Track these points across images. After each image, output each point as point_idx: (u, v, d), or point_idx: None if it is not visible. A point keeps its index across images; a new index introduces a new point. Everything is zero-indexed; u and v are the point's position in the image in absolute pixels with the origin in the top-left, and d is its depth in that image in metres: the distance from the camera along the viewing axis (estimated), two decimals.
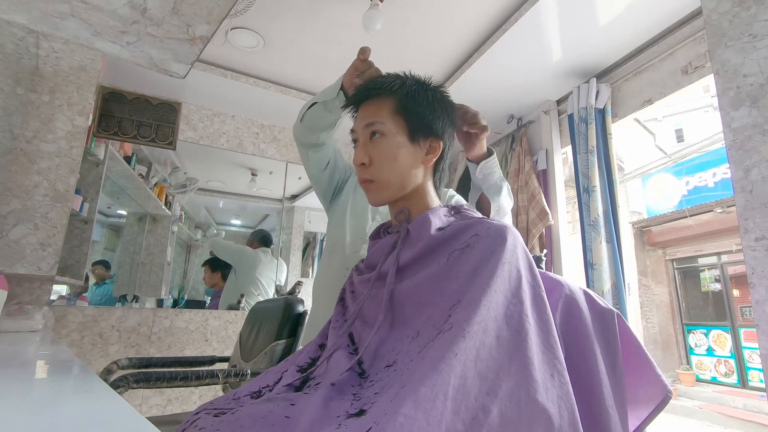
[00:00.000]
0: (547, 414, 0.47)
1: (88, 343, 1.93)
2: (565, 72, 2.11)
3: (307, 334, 1.13)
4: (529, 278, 0.58)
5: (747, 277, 0.84)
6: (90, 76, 1.78)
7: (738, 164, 0.87)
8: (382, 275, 0.67)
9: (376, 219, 1.07)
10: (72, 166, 1.68)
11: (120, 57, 0.97)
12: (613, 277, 1.86)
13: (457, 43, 2.01)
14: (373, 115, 0.73)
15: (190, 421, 0.53)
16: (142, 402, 2.02)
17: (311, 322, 1.11)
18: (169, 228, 2.75)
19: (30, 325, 1.21)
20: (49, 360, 0.77)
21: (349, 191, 1.14)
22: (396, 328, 0.61)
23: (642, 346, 0.69)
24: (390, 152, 0.71)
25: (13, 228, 1.55)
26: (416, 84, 0.74)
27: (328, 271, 1.08)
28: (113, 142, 2.35)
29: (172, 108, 2.50)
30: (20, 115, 1.60)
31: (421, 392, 0.42)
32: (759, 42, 0.87)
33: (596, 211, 1.92)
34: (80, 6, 0.79)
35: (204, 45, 0.94)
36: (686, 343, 6.95)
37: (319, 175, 1.13)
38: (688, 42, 1.76)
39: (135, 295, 2.91)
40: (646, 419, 0.67)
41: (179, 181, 2.82)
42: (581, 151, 2.06)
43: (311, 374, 0.62)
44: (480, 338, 0.49)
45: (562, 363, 0.52)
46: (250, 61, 2.21)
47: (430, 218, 0.68)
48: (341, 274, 1.00)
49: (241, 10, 1.78)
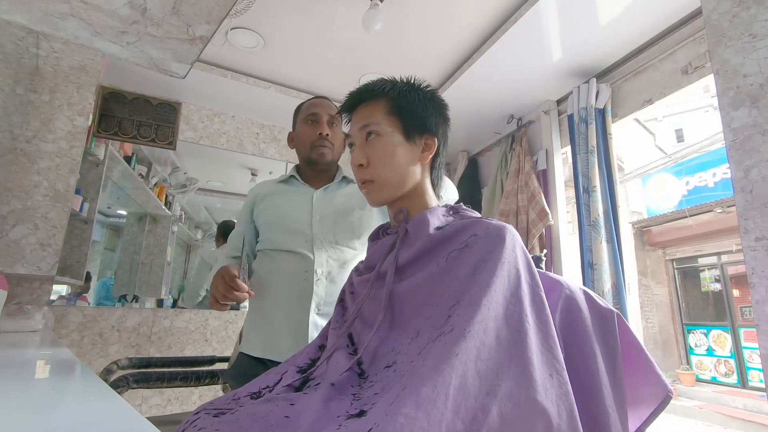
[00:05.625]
0: (547, 414, 0.47)
1: (88, 343, 1.93)
2: (565, 72, 2.11)
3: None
4: (528, 278, 0.58)
5: (747, 277, 0.84)
6: (90, 76, 1.77)
7: (738, 164, 0.87)
8: (381, 275, 0.67)
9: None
10: (72, 166, 1.68)
11: (120, 57, 0.97)
12: (613, 277, 1.86)
13: (457, 43, 2.01)
14: (367, 117, 0.74)
15: (189, 421, 0.53)
16: (142, 402, 2.02)
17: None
18: (169, 228, 2.75)
19: (30, 325, 1.21)
20: (49, 360, 0.77)
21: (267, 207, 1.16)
22: (395, 328, 0.61)
23: (642, 346, 0.69)
24: (387, 151, 0.72)
25: (13, 228, 1.55)
26: (406, 85, 0.76)
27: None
28: (113, 142, 2.35)
29: (172, 108, 2.50)
30: (20, 115, 1.60)
31: (422, 392, 0.42)
32: (759, 42, 0.87)
33: (596, 211, 1.92)
34: (80, 6, 0.79)
35: (204, 45, 0.94)
36: (686, 343, 6.95)
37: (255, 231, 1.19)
38: (688, 42, 1.76)
39: (135, 295, 2.91)
40: (647, 419, 0.67)
41: (179, 181, 2.82)
42: (581, 151, 2.06)
43: (311, 375, 0.62)
44: (480, 338, 0.49)
45: (561, 363, 0.52)
46: (250, 61, 2.21)
47: (428, 218, 0.68)
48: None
49: (241, 10, 1.78)
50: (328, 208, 1.11)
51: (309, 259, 1.04)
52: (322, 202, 1.12)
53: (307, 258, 1.04)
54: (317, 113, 1.15)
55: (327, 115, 1.16)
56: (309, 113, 1.16)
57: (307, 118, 1.16)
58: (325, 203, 1.12)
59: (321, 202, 1.12)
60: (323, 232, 1.07)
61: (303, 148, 1.16)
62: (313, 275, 1.03)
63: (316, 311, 1.01)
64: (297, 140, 1.20)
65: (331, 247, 1.07)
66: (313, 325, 1.00)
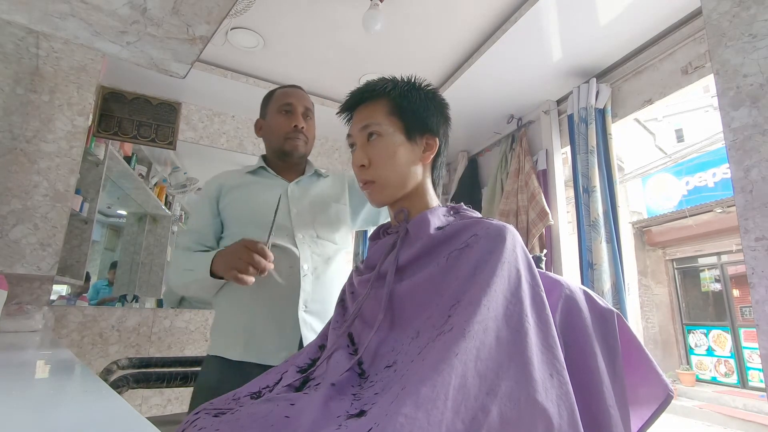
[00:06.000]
0: (547, 414, 0.47)
1: (88, 343, 1.92)
2: (565, 72, 2.11)
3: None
4: (529, 278, 0.58)
5: (747, 277, 0.84)
6: (90, 76, 1.77)
7: (738, 164, 0.87)
8: (382, 275, 0.67)
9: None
10: (72, 166, 1.68)
11: (120, 57, 0.97)
12: (613, 277, 1.86)
13: (457, 43, 2.01)
14: (368, 117, 0.74)
15: (189, 421, 0.53)
16: (142, 402, 2.02)
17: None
18: (169, 228, 2.75)
19: (30, 325, 1.21)
20: (49, 360, 0.77)
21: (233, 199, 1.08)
22: (396, 328, 0.61)
23: (642, 345, 0.69)
24: (388, 151, 0.72)
25: (13, 228, 1.55)
26: (407, 84, 0.75)
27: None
28: (113, 142, 2.35)
29: (172, 108, 2.50)
30: (20, 115, 1.60)
31: (422, 392, 0.42)
32: (759, 42, 0.87)
33: (596, 211, 1.92)
34: (80, 6, 0.79)
35: (204, 45, 0.94)
36: (686, 343, 6.95)
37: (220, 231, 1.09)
38: (688, 42, 1.76)
39: (135, 295, 2.91)
40: (648, 419, 0.66)
41: (179, 181, 2.82)
42: (581, 151, 2.05)
43: (311, 374, 0.62)
44: (480, 338, 0.49)
45: (561, 363, 0.52)
46: (250, 61, 2.21)
47: (428, 218, 0.68)
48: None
49: (241, 10, 1.78)
50: (304, 201, 1.07)
51: (293, 254, 0.98)
52: (297, 195, 1.08)
53: (291, 252, 0.98)
54: (292, 104, 1.11)
55: (302, 106, 1.12)
56: (283, 103, 1.11)
57: (281, 108, 1.11)
58: (300, 197, 1.08)
59: (296, 196, 1.07)
60: (303, 226, 1.03)
61: (275, 139, 1.10)
62: (299, 270, 0.97)
63: (303, 308, 0.96)
64: (268, 130, 1.13)
65: (313, 242, 1.02)
66: (303, 323, 0.95)
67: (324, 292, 1.01)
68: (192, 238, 1.05)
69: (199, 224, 1.06)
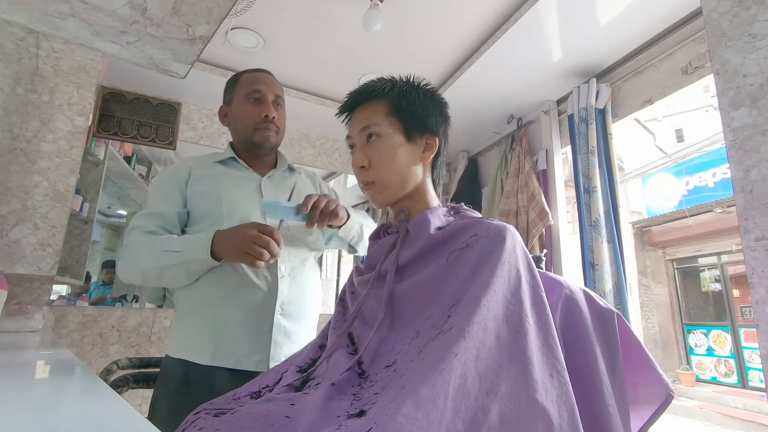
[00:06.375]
0: (547, 414, 0.47)
1: (88, 343, 1.92)
2: (565, 72, 2.11)
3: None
4: (529, 278, 0.58)
5: (747, 277, 0.84)
6: (90, 76, 1.77)
7: (738, 164, 0.87)
8: (382, 275, 0.67)
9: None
10: (72, 166, 1.68)
11: (120, 57, 0.97)
12: (614, 277, 1.86)
13: (457, 43, 2.01)
14: (367, 118, 0.73)
15: (190, 421, 0.53)
16: (142, 402, 2.02)
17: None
18: None
19: (30, 325, 1.21)
20: (49, 360, 0.77)
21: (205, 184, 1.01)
22: (396, 327, 0.61)
23: (642, 345, 0.69)
24: (388, 152, 0.72)
25: (13, 228, 1.55)
26: (406, 84, 0.75)
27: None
28: (113, 142, 2.35)
29: (172, 108, 2.50)
30: (20, 115, 1.60)
31: (421, 392, 0.42)
32: (759, 42, 0.87)
33: (597, 211, 1.92)
34: (80, 6, 0.79)
35: (204, 45, 0.94)
36: (686, 343, 6.96)
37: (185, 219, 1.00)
38: (688, 42, 1.76)
39: (135, 295, 2.91)
40: (649, 419, 0.66)
41: None
42: (581, 151, 2.06)
43: (311, 374, 0.62)
44: (480, 338, 0.49)
45: (561, 363, 0.52)
46: (250, 61, 2.21)
47: (429, 218, 0.68)
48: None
49: (241, 10, 1.78)
50: (278, 198, 1.03)
51: None
52: (270, 191, 1.03)
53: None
54: (262, 91, 1.03)
55: (272, 94, 1.04)
56: (252, 89, 1.03)
57: (249, 95, 1.03)
58: (275, 193, 1.04)
59: (270, 192, 1.03)
60: (277, 224, 0.97)
61: (243, 128, 1.03)
62: (276, 271, 0.93)
63: (279, 311, 0.92)
64: (234, 118, 1.05)
65: (288, 242, 0.97)
66: (278, 327, 0.91)
67: (299, 293, 0.97)
68: (155, 222, 0.95)
69: (165, 208, 0.97)
